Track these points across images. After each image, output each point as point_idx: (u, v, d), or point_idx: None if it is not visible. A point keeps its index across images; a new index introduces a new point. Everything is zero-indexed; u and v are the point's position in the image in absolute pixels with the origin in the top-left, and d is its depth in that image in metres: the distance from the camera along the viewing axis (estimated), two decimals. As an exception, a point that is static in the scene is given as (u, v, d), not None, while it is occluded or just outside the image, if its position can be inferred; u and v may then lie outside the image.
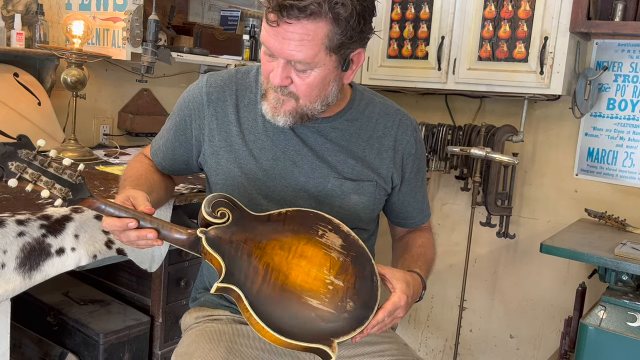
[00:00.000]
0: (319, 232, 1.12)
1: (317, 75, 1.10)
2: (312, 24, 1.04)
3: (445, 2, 2.46)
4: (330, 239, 1.12)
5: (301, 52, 1.05)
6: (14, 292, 1.22)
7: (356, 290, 1.09)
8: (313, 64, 1.08)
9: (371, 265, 1.12)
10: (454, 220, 2.90)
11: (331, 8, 1.03)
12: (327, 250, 1.11)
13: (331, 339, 1.02)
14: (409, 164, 1.32)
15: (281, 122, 1.16)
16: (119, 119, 2.44)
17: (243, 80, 1.27)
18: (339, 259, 1.11)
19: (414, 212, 1.39)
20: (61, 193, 1.01)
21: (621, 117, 2.43)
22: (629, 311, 1.83)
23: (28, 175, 1.00)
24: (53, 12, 2.17)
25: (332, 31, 1.06)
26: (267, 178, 1.22)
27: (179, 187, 1.66)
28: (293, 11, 1.01)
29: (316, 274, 1.08)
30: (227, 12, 2.77)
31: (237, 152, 1.23)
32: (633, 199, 2.42)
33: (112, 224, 1.04)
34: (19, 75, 1.99)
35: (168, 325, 1.75)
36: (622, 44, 2.39)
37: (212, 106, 1.24)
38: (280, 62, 1.08)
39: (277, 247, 1.09)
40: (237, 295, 1.03)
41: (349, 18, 1.05)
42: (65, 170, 1.02)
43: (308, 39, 1.04)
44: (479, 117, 2.77)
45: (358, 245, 1.14)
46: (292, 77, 1.10)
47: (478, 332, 2.88)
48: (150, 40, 2.02)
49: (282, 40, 1.05)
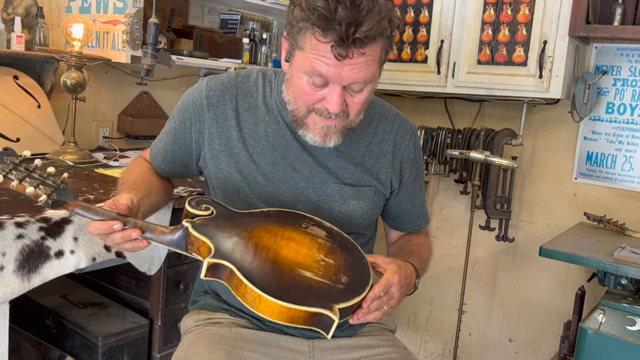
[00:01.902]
0: (303, 225, 1.14)
1: (368, 89, 1.12)
2: (375, 45, 1.06)
3: (445, 6, 2.47)
4: (315, 231, 1.13)
5: (365, 75, 1.07)
6: (13, 295, 1.22)
7: (348, 267, 1.09)
8: (369, 80, 1.10)
9: (359, 252, 1.13)
10: (453, 224, 2.90)
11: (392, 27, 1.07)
12: (313, 237, 1.12)
13: (331, 304, 1.00)
14: (407, 168, 1.32)
15: (333, 143, 1.17)
16: (119, 122, 2.44)
17: (243, 84, 1.27)
18: (326, 244, 1.11)
19: (411, 217, 1.39)
20: (45, 192, 1.02)
21: (620, 121, 2.43)
22: (628, 315, 1.83)
23: (13, 176, 1.01)
24: (53, 15, 2.17)
25: (385, 46, 1.09)
26: (266, 183, 1.22)
27: (178, 190, 1.66)
28: (365, 42, 1.02)
29: (306, 252, 1.08)
30: (227, 15, 2.77)
31: (237, 157, 1.23)
32: (632, 202, 2.42)
33: (97, 227, 1.03)
34: (18, 77, 1.99)
35: (167, 329, 1.74)
36: (621, 48, 2.40)
37: (212, 110, 1.24)
38: (337, 88, 1.08)
39: (264, 232, 1.10)
40: (230, 271, 1.01)
41: (394, 30, 1.09)
42: (50, 177, 1.03)
43: (371, 60, 1.07)
44: (478, 121, 2.77)
45: (342, 236, 1.15)
46: (346, 101, 1.11)
47: (477, 335, 2.88)
48: (150, 43, 2.02)
49: (345, 67, 1.05)
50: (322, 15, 1.01)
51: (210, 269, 1.03)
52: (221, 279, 1.03)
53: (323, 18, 1.01)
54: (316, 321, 1.00)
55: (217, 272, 1.03)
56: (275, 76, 1.28)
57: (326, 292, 1.02)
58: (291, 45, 1.11)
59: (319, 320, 0.99)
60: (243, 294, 1.00)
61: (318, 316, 0.99)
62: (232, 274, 1.01)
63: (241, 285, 1.00)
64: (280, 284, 1.01)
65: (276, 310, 0.98)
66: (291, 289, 1.01)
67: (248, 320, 1.25)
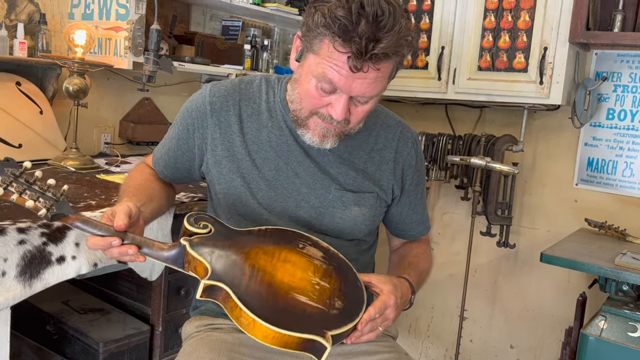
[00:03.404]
0: (299, 245, 1.14)
1: (374, 101, 1.14)
2: (389, 63, 1.07)
3: (446, 13, 2.48)
4: (311, 252, 1.14)
5: (376, 88, 1.09)
6: (14, 301, 1.22)
7: (342, 291, 1.09)
8: (376, 95, 1.12)
9: (353, 274, 1.13)
10: (454, 230, 2.90)
11: (408, 47, 1.08)
12: (309, 258, 1.12)
13: (324, 331, 1.00)
14: (409, 175, 1.32)
15: (329, 145, 1.18)
16: (120, 128, 2.45)
17: (247, 90, 1.28)
18: (321, 266, 1.12)
19: (413, 224, 1.39)
20: (45, 205, 1.02)
21: (621, 127, 2.43)
22: (629, 321, 1.83)
23: (13, 188, 1.01)
24: (56, 22, 2.18)
25: (396, 65, 1.11)
26: (269, 188, 1.23)
27: (179, 196, 1.67)
28: (380, 58, 1.03)
29: (302, 275, 1.08)
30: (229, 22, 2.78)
31: (240, 162, 1.24)
32: (633, 208, 2.42)
33: (95, 242, 1.04)
34: (21, 84, 2.00)
35: (168, 334, 1.74)
36: (621, 55, 2.41)
37: (215, 116, 1.25)
38: (344, 97, 1.09)
39: (261, 253, 1.10)
40: (225, 293, 1.02)
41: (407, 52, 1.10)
42: (50, 189, 1.04)
43: (382, 76, 1.08)
44: (479, 127, 2.78)
45: (338, 257, 1.15)
46: (350, 108, 1.12)
47: (478, 342, 2.87)
48: (152, 50, 2.03)
49: (356, 80, 1.06)
50: (343, 25, 1.01)
51: (206, 290, 1.03)
52: (217, 300, 1.04)
53: (344, 29, 1.01)
54: (309, 347, 1.00)
55: (213, 293, 1.04)
56: (278, 82, 1.28)
57: (320, 317, 1.03)
58: (305, 47, 1.11)
59: (311, 347, 1.00)
60: (237, 317, 1.01)
61: (311, 342, 1.00)
62: (228, 296, 1.01)
63: (236, 309, 1.00)
64: (274, 309, 1.02)
65: (270, 335, 0.98)
66: (285, 313, 1.02)
67: (249, 326, 1.25)
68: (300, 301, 1.04)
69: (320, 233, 1.24)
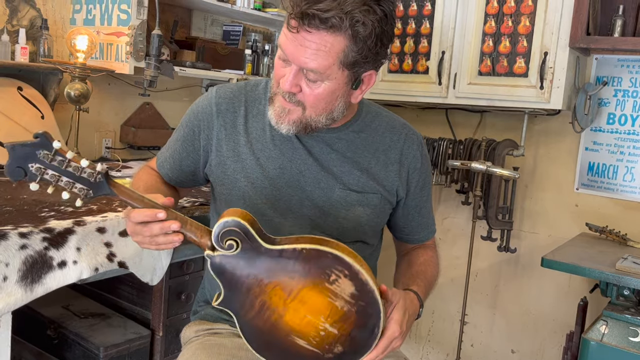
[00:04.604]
0: (331, 277, 1.03)
1: (326, 88, 1.12)
2: (330, 36, 1.06)
3: (446, 18, 2.49)
4: (341, 286, 1.03)
5: (315, 61, 1.07)
6: (16, 305, 1.22)
7: (350, 337, 1.06)
8: (325, 75, 1.10)
9: (377, 318, 1.05)
10: (455, 234, 2.90)
11: (352, 25, 1.05)
12: (332, 298, 1.04)
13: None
14: (414, 178, 1.32)
15: (284, 130, 1.17)
16: (122, 133, 2.45)
17: (252, 92, 1.29)
18: (342, 308, 1.04)
19: (418, 228, 1.39)
20: (81, 192, 1.01)
21: (621, 132, 2.43)
22: (630, 326, 1.82)
23: (48, 177, 0.99)
24: (57, 27, 2.19)
25: (349, 47, 1.08)
26: (273, 187, 1.23)
27: (181, 201, 1.67)
28: (314, 21, 1.04)
29: (311, 320, 1.06)
30: (230, 27, 2.79)
31: (244, 162, 1.24)
32: (634, 213, 2.42)
33: (141, 212, 1.02)
34: (22, 89, 2.00)
35: (168, 339, 1.74)
36: (622, 59, 2.41)
37: (221, 117, 1.25)
38: (293, 68, 1.10)
39: (279, 289, 1.05)
40: (230, 316, 1.08)
41: (367, 38, 1.07)
42: (85, 170, 1.00)
43: (324, 50, 1.07)
44: (479, 132, 2.78)
45: (372, 296, 1.04)
46: (301, 86, 1.12)
47: (479, 346, 2.87)
48: (153, 55, 2.04)
49: (298, 46, 1.07)
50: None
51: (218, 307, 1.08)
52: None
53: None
54: None
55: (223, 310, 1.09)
56: None
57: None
58: None
59: None
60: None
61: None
62: (232, 320, 1.08)
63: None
64: (269, 346, 1.07)
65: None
66: (278, 353, 1.07)
67: (249, 331, 1.25)
68: (297, 344, 1.06)
69: (323, 233, 1.23)
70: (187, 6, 2.59)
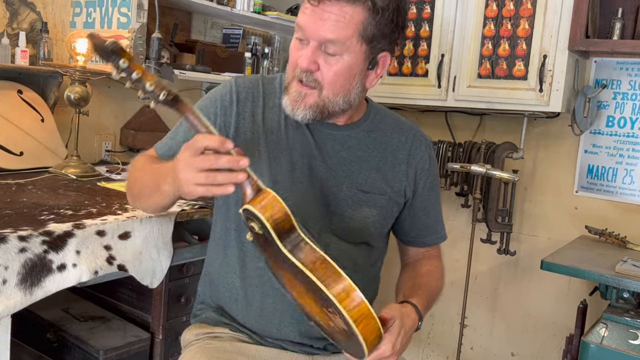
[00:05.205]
0: (329, 308, 1.00)
1: (344, 63, 1.12)
2: (350, 7, 1.08)
3: (445, 21, 2.49)
4: (335, 322, 1.02)
5: (335, 32, 1.09)
6: (15, 309, 1.22)
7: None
8: (344, 47, 1.10)
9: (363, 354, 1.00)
10: (455, 237, 2.89)
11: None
12: (328, 317, 1.03)
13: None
14: (421, 179, 1.32)
15: (300, 116, 1.16)
16: (121, 136, 2.45)
17: (269, 84, 1.29)
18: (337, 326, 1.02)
19: (425, 230, 1.38)
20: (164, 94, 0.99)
21: (620, 135, 2.44)
22: (630, 329, 1.82)
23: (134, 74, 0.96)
24: (57, 30, 2.20)
25: (368, 19, 1.10)
26: (283, 181, 1.21)
27: (180, 203, 1.67)
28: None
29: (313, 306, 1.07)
30: (230, 30, 2.80)
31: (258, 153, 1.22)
32: (633, 216, 2.42)
33: (210, 138, 0.97)
34: (22, 92, 2.01)
35: (168, 342, 1.74)
36: (621, 62, 2.41)
37: (240, 105, 1.24)
38: (312, 45, 1.11)
39: (287, 278, 1.06)
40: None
41: (385, 10, 1.10)
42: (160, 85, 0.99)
43: (344, 21, 1.08)
44: (479, 134, 2.78)
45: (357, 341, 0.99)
46: (319, 63, 1.12)
47: (479, 349, 2.86)
48: (153, 58, 2.04)
49: (318, 20, 1.08)
50: None
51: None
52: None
53: None
54: None
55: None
56: None
57: None
58: None
59: None
60: None
61: None
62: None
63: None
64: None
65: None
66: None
67: (248, 336, 1.25)
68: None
69: (328, 233, 1.23)
70: (187, 9, 2.59)
